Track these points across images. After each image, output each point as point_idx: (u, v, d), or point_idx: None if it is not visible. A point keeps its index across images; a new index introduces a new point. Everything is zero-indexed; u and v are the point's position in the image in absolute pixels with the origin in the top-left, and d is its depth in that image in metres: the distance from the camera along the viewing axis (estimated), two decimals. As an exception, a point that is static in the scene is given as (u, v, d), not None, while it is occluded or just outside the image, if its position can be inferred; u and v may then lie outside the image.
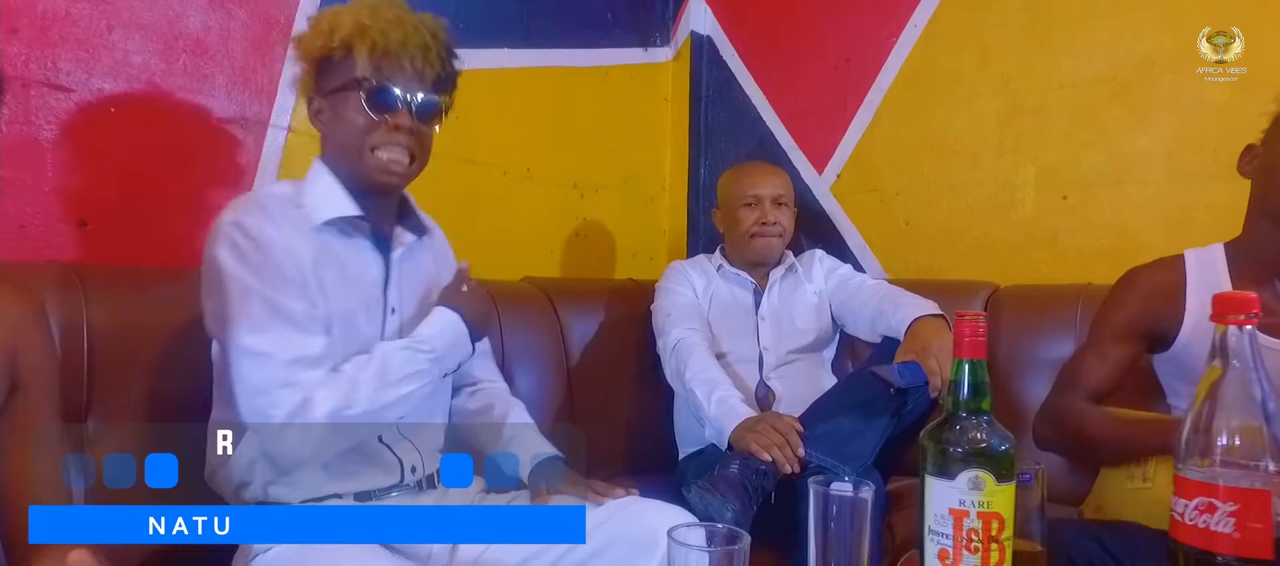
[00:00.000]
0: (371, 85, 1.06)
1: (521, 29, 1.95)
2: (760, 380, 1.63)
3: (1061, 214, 1.89)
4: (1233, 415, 0.62)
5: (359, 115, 1.07)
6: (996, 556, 0.74)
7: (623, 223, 2.26)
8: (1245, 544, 0.60)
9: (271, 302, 1.00)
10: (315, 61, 1.10)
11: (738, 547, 0.63)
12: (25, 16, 1.20)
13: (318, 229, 1.08)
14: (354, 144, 1.08)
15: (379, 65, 1.06)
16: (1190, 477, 0.63)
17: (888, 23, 2.10)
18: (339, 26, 1.06)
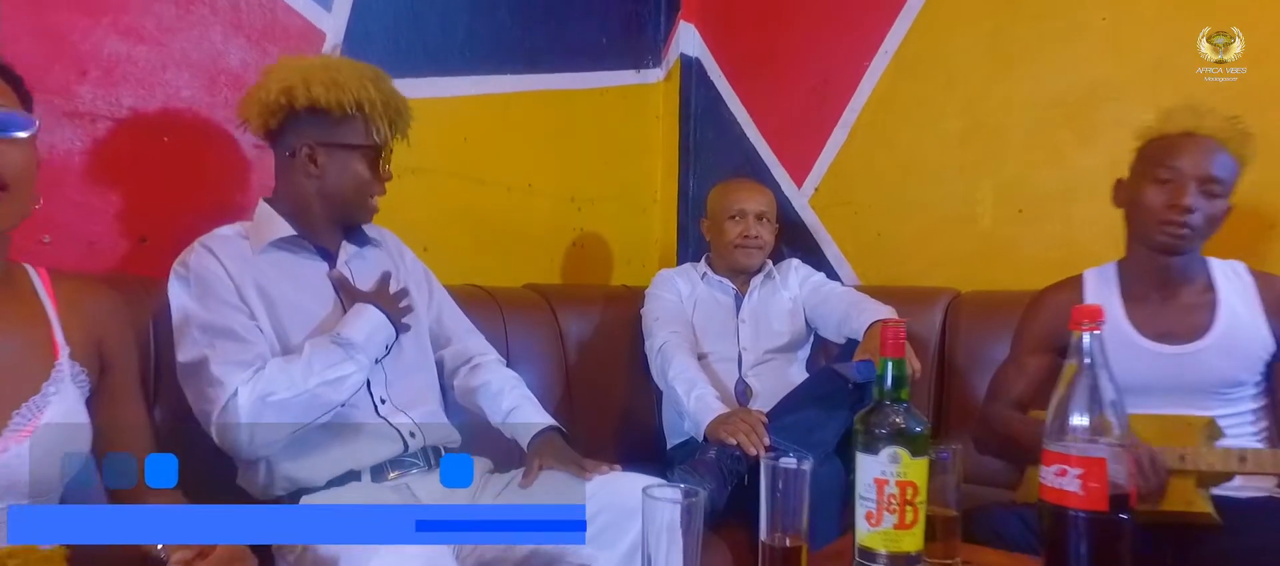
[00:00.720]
0: (375, 150, 1.28)
1: (523, 56, 2.12)
2: (739, 377, 1.81)
3: (1017, 226, 2.06)
4: (1082, 401, 0.79)
5: (361, 170, 1.28)
6: (911, 516, 0.92)
7: (617, 232, 2.43)
8: (1088, 500, 0.77)
9: (207, 323, 1.18)
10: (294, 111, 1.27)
11: (695, 501, 0.80)
12: (93, 60, 1.37)
13: (263, 251, 1.27)
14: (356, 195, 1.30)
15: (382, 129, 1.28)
16: (1051, 450, 0.80)
17: (861, 49, 2.27)
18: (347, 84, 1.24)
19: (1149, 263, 1.43)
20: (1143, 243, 1.43)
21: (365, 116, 1.26)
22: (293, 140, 1.28)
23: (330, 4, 1.70)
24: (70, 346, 0.95)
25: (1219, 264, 1.46)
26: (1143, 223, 1.41)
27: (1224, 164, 1.36)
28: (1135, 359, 1.41)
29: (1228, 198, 1.39)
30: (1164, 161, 1.38)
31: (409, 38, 1.85)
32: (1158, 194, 1.38)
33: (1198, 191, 1.35)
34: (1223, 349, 1.39)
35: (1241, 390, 1.41)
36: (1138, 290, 1.46)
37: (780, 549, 0.92)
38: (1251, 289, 1.43)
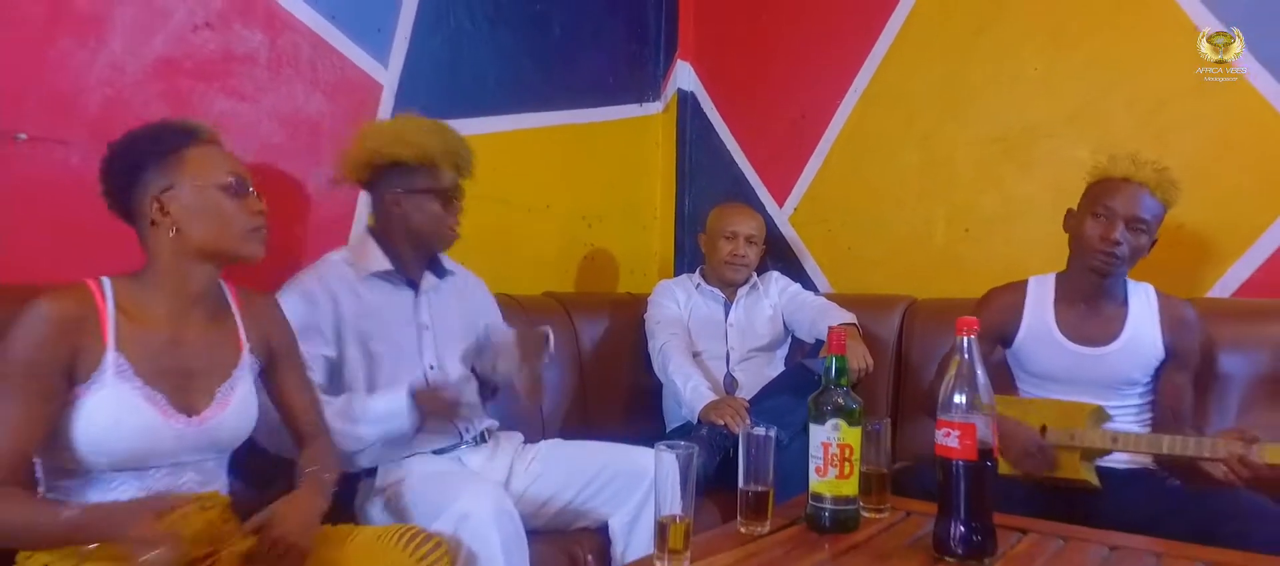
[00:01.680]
0: (445, 191, 1.60)
1: (542, 97, 2.44)
2: (727, 372, 2.16)
3: (965, 244, 2.40)
4: (962, 384, 1.12)
5: (436, 208, 1.60)
6: (848, 469, 1.25)
7: (622, 246, 2.76)
8: (964, 452, 1.10)
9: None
10: (381, 167, 1.60)
11: (692, 454, 1.13)
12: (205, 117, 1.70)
13: (364, 279, 1.59)
14: (433, 228, 1.61)
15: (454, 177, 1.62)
16: (941, 418, 1.13)
17: (834, 89, 2.60)
18: (428, 143, 1.57)
19: (1082, 279, 1.74)
20: (1080, 263, 1.74)
21: (433, 167, 1.59)
22: (382, 189, 1.62)
23: (387, 62, 2.03)
24: (249, 342, 1.28)
25: (1135, 285, 1.76)
26: (1081, 248, 1.72)
27: (1150, 207, 1.66)
28: (1058, 355, 1.75)
29: (1153, 234, 1.69)
30: (1102, 200, 1.68)
31: (448, 86, 2.18)
32: (1094, 227, 1.68)
33: (1126, 229, 1.64)
34: (1125, 354, 1.71)
35: (1135, 387, 1.73)
36: (1068, 299, 1.77)
37: (754, 493, 1.26)
38: (1155, 308, 1.73)
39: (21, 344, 1.07)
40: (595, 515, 1.59)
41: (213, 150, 1.24)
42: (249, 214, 1.23)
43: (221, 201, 1.20)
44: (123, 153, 1.20)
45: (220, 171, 1.21)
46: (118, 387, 1.12)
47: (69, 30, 1.52)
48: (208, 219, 1.19)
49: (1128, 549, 1.20)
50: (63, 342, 1.09)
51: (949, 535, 1.13)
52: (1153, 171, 1.66)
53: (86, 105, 1.55)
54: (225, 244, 1.21)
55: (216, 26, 1.72)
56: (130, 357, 1.14)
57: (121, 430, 1.12)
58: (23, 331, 1.08)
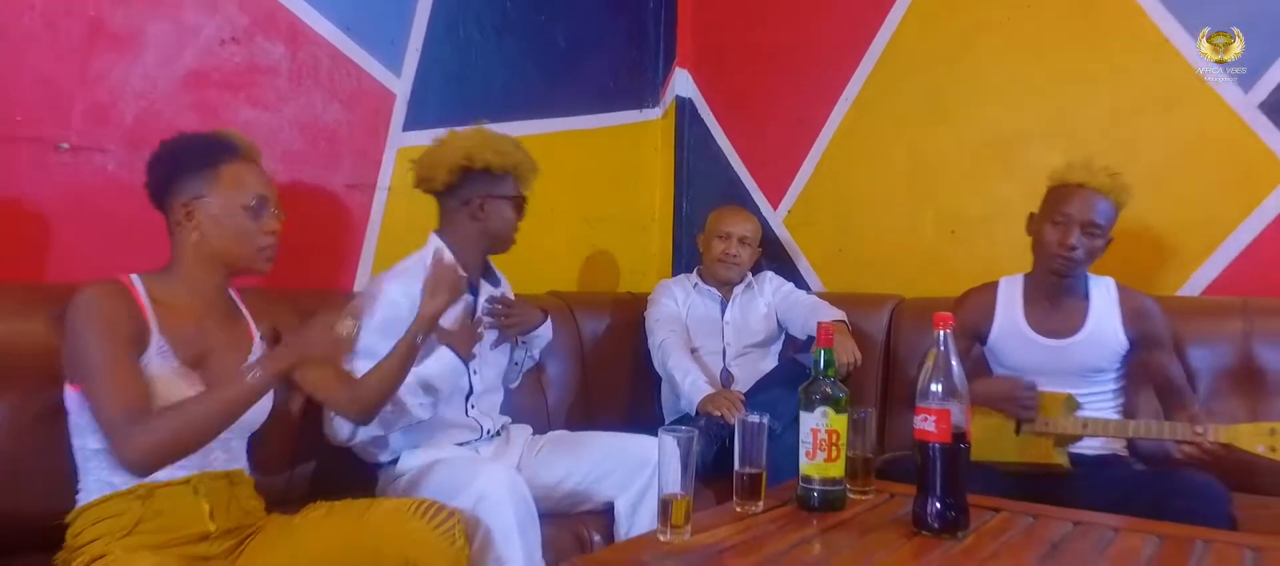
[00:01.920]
0: (521, 199, 1.72)
1: (546, 104, 2.55)
2: (724, 366, 2.27)
3: (950, 244, 2.51)
4: (939, 375, 1.23)
5: (512, 215, 1.72)
6: (835, 453, 1.36)
7: (623, 247, 2.87)
8: (939, 435, 1.21)
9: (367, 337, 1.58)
10: (471, 172, 1.70)
11: (692, 438, 1.24)
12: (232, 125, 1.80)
13: None
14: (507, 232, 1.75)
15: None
16: (919, 405, 1.24)
17: (826, 96, 2.71)
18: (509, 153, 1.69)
19: (1045, 279, 1.86)
20: (1041, 264, 1.87)
21: (517, 175, 1.70)
22: (466, 192, 1.71)
23: (400, 72, 2.14)
24: (257, 333, 1.39)
25: (1095, 279, 1.88)
26: (1041, 251, 1.85)
27: (1104, 211, 1.78)
28: (1029, 348, 1.86)
29: (1107, 235, 1.80)
30: (1059, 206, 1.80)
31: (458, 94, 2.28)
32: (1052, 232, 1.80)
33: (1081, 233, 1.76)
34: (1089, 344, 1.83)
35: (1104, 375, 1.85)
36: (1035, 297, 1.90)
37: (748, 475, 1.37)
38: (1115, 300, 1.85)
39: (102, 322, 1.18)
40: (600, 498, 1.70)
41: (245, 168, 1.34)
42: (263, 234, 1.33)
43: (242, 220, 1.31)
44: (168, 155, 1.31)
45: (247, 191, 1.32)
46: (161, 367, 1.23)
47: (106, 47, 1.63)
48: (226, 233, 1.31)
49: (1089, 524, 1.31)
50: (129, 319, 1.20)
51: (926, 511, 1.24)
52: (1106, 176, 1.78)
53: (122, 116, 1.65)
54: (237, 258, 1.33)
55: (242, 40, 1.83)
56: (170, 342, 1.25)
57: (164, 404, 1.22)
58: (95, 313, 1.18)
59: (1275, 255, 2.06)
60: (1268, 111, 2.07)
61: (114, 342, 1.18)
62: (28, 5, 1.53)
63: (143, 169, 1.33)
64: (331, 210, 2.02)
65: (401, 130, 2.15)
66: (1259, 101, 2.08)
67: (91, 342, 1.17)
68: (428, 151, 1.75)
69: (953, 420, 1.23)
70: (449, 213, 1.76)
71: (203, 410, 1.18)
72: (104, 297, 1.20)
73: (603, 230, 2.79)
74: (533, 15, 2.49)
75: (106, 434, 1.16)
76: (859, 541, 1.22)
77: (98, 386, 1.17)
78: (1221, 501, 1.49)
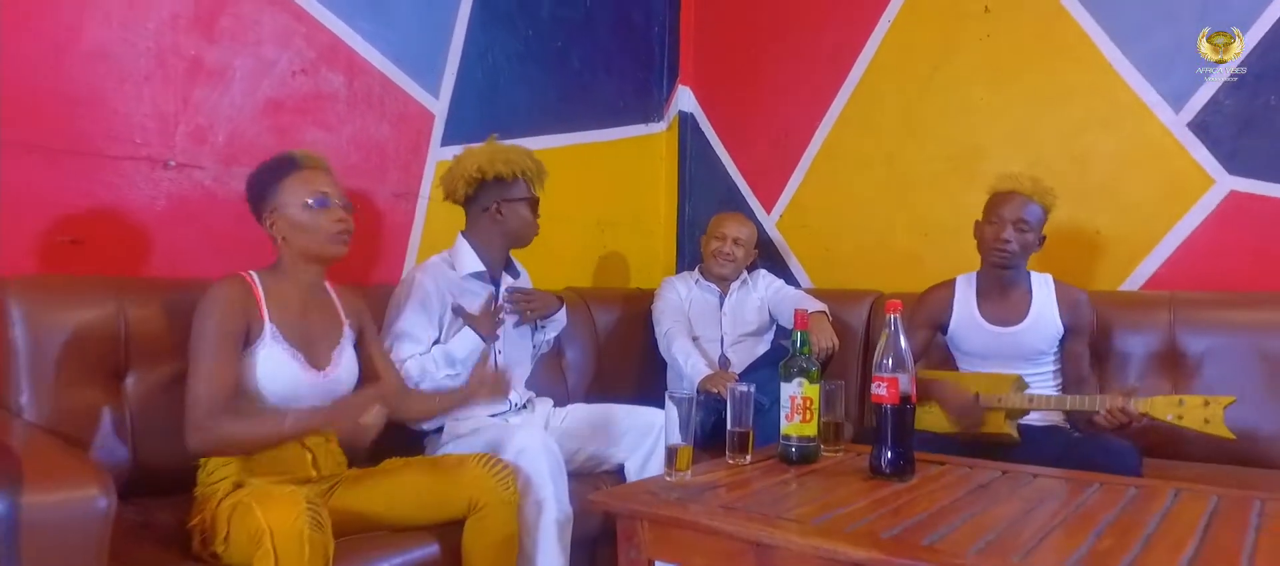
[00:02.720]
0: (534, 199, 2.01)
1: (564, 120, 2.85)
2: (721, 353, 2.58)
3: (923, 246, 2.82)
4: (890, 350, 1.54)
5: (528, 214, 2.01)
6: (809, 416, 1.66)
7: (631, 248, 3.17)
8: (890, 398, 1.52)
9: (408, 315, 1.91)
10: (485, 181, 2.01)
11: (691, 398, 1.54)
12: (301, 144, 2.12)
13: (462, 278, 2.00)
14: (525, 230, 2.03)
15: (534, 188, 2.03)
16: (876, 375, 1.55)
17: (813, 112, 3.01)
18: (518, 161, 1.99)
19: (991, 274, 2.17)
20: (984, 260, 2.18)
21: (527, 179, 2.00)
22: (485, 200, 2.01)
23: (438, 95, 2.46)
24: (347, 320, 1.70)
25: (1037, 275, 2.18)
26: (983, 248, 2.16)
27: (1032, 212, 2.08)
28: (981, 334, 2.17)
29: (1038, 231, 2.11)
30: (994, 209, 2.12)
31: (488, 113, 2.59)
32: (990, 231, 2.12)
33: (1013, 229, 2.07)
34: (1032, 330, 2.13)
35: (1045, 357, 2.15)
36: (985, 290, 2.20)
37: (738, 434, 1.67)
38: (1052, 293, 2.15)
39: (215, 313, 1.48)
40: (613, 460, 2.01)
41: (305, 176, 1.60)
42: (331, 222, 1.59)
43: (308, 216, 1.57)
44: (252, 180, 1.62)
45: (307, 192, 1.57)
46: (274, 349, 1.53)
47: (203, 80, 1.94)
48: (299, 229, 1.58)
49: (1014, 472, 1.62)
50: (241, 315, 1.51)
51: (880, 460, 1.54)
52: (1031, 183, 2.10)
53: (216, 137, 1.97)
54: (314, 248, 1.60)
55: (309, 72, 2.14)
56: (280, 328, 1.55)
57: (278, 380, 1.53)
58: (212, 305, 1.49)
59: (1200, 254, 2.37)
60: (1195, 130, 2.38)
61: (218, 338, 1.46)
62: (144, 49, 1.85)
63: (232, 182, 1.64)
64: (381, 215, 2.33)
65: (439, 145, 2.47)
66: (1187, 121, 2.39)
67: (201, 332, 1.47)
68: (449, 168, 2.06)
69: (900, 387, 1.53)
70: (473, 217, 2.06)
71: (248, 433, 1.45)
72: (224, 296, 1.49)
73: (613, 233, 3.09)
74: (550, 43, 2.80)
75: (186, 407, 1.44)
76: (826, 483, 1.52)
77: (194, 369, 1.46)
78: (1132, 458, 1.80)
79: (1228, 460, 1.96)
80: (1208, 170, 2.36)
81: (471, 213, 2.07)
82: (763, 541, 1.21)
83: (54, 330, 1.55)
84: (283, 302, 1.58)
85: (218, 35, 1.96)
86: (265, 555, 1.22)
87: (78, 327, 1.57)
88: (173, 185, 1.90)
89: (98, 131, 1.78)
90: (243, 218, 1.65)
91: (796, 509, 1.33)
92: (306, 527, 1.24)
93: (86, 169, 1.77)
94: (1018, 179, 2.13)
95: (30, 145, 1.70)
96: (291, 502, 1.27)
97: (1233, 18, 2.31)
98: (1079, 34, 2.53)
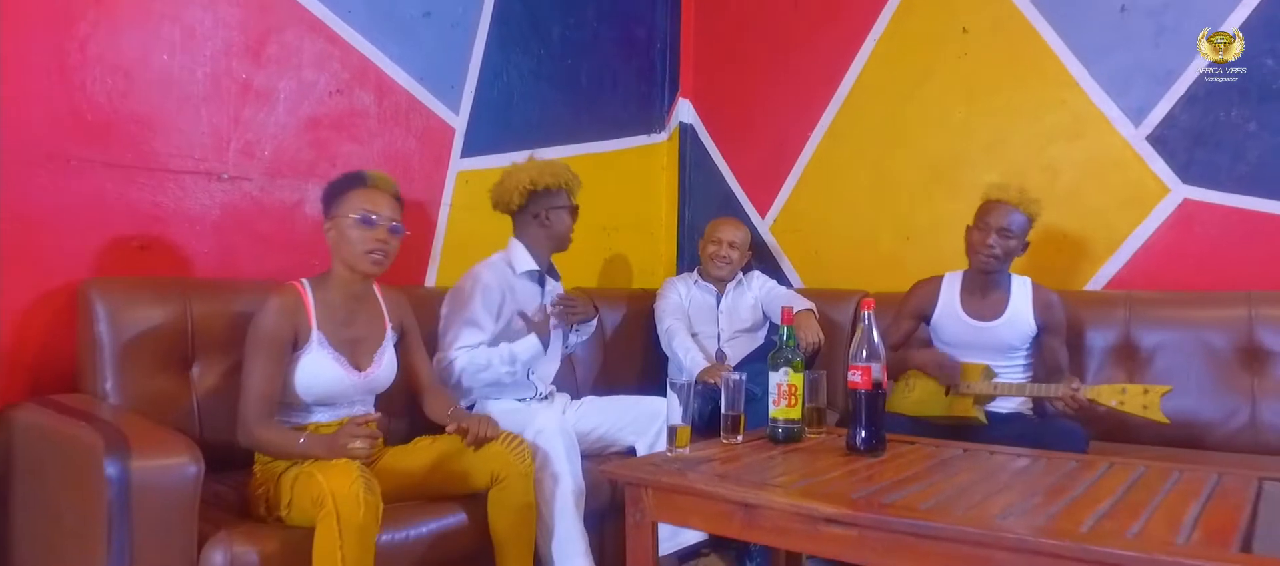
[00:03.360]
0: (574, 207, 2.24)
1: (573, 132, 3.07)
2: (718, 347, 2.80)
3: (906, 249, 3.03)
4: (865, 342, 1.75)
5: (569, 219, 2.24)
6: (794, 401, 1.87)
7: (635, 251, 3.38)
8: (864, 384, 1.73)
9: (471, 312, 2.13)
10: (536, 192, 2.23)
11: (690, 385, 1.76)
12: (336, 157, 2.34)
13: (518, 276, 2.23)
14: (565, 234, 2.26)
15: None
16: (852, 364, 1.77)
17: (805, 123, 3.22)
18: (561, 174, 2.22)
19: (975, 274, 2.38)
20: (971, 261, 2.38)
21: (568, 190, 2.23)
22: (535, 208, 2.25)
23: (458, 110, 2.68)
24: (390, 322, 1.92)
25: (1017, 278, 2.38)
26: (970, 251, 2.36)
27: (1016, 220, 2.29)
28: (961, 327, 2.38)
29: (1022, 239, 2.31)
30: (983, 217, 2.32)
31: (503, 127, 2.81)
32: (978, 236, 2.32)
33: (997, 236, 2.28)
34: (1007, 327, 2.34)
35: (1017, 352, 2.36)
36: (969, 288, 2.41)
37: (731, 417, 1.89)
38: (1029, 294, 2.36)
39: (266, 325, 1.69)
40: (623, 442, 2.24)
41: (365, 193, 1.79)
42: (370, 240, 1.75)
43: (354, 231, 1.74)
44: (326, 192, 1.83)
45: (357, 209, 1.75)
46: (319, 353, 1.75)
47: (252, 101, 2.16)
48: (343, 241, 1.76)
49: (975, 449, 1.83)
50: (290, 323, 1.72)
51: (855, 438, 1.76)
52: (1017, 194, 2.30)
53: (262, 152, 2.19)
54: (350, 260, 1.77)
55: (344, 92, 2.36)
56: (326, 333, 1.77)
57: (322, 381, 1.75)
58: (265, 317, 1.70)
59: (1157, 256, 2.58)
60: (1152, 142, 2.59)
61: (267, 347, 1.67)
62: (201, 75, 2.07)
63: (276, 192, 1.85)
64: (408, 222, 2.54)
65: (459, 157, 2.69)
66: (1146, 134, 2.60)
67: (255, 340, 1.69)
68: (500, 182, 2.28)
69: (873, 375, 1.75)
70: (523, 224, 2.29)
71: (280, 442, 1.65)
72: (277, 307, 1.70)
73: (618, 236, 3.31)
74: (561, 61, 3.02)
75: (239, 407, 1.67)
76: (807, 458, 1.74)
77: (246, 374, 1.68)
78: (1079, 438, 2.02)
79: (1171, 444, 2.17)
80: (1164, 180, 2.58)
81: (521, 220, 2.30)
82: (749, 502, 1.42)
83: (132, 325, 1.77)
84: (330, 309, 1.78)
85: (265, 61, 2.18)
86: (328, 515, 1.44)
87: (152, 323, 1.80)
88: (225, 195, 2.12)
89: (163, 149, 2.01)
90: (286, 223, 1.88)
91: (780, 477, 1.54)
92: (361, 490, 1.46)
93: (153, 182, 1.99)
94: (1006, 189, 2.33)
95: (107, 162, 1.92)
96: (348, 470, 1.49)
97: (1186, 39, 2.53)
98: (1048, 54, 2.75)
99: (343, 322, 1.80)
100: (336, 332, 1.78)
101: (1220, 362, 2.29)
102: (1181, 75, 2.54)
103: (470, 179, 2.69)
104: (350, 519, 1.45)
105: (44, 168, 1.83)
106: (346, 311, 1.81)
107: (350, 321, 1.82)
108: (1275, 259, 2.40)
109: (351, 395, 1.80)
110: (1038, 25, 2.77)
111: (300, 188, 2.25)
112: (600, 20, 3.16)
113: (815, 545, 1.39)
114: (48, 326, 1.81)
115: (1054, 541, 1.13)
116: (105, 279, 1.83)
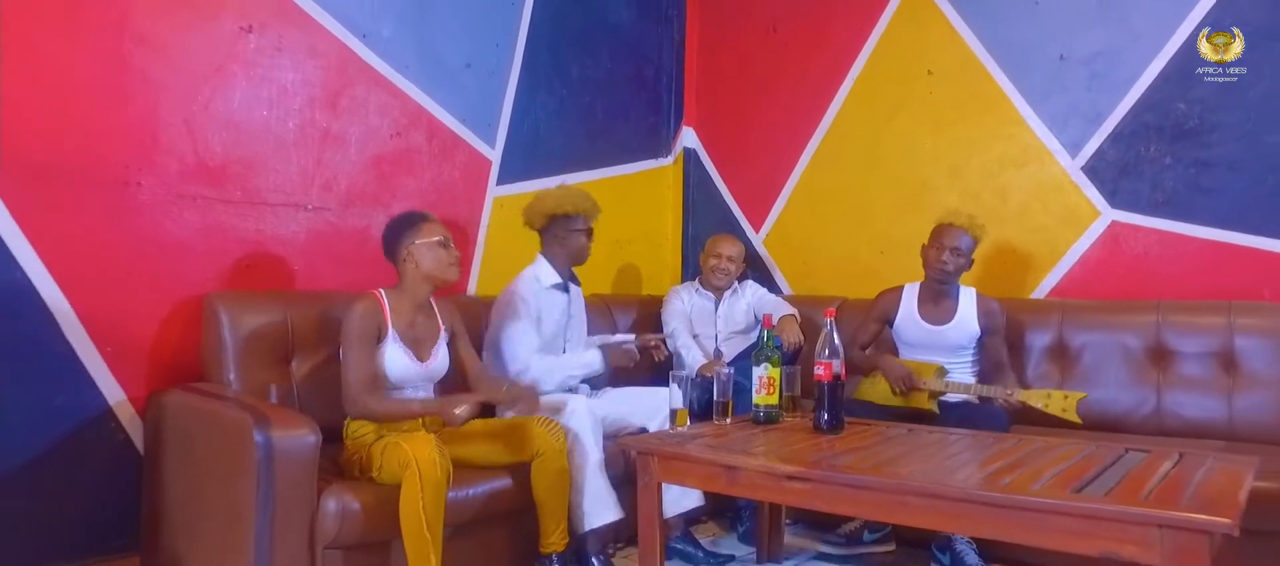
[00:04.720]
0: (589, 229, 2.68)
1: (591, 158, 3.52)
2: (716, 347, 3.26)
3: (881, 262, 3.47)
4: (825, 344, 2.19)
5: (585, 240, 2.69)
6: (773, 389, 2.33)
7: (645, 261, 3.83)
8: (826, 376, 2.18)
9: (521, 322, 2.60)
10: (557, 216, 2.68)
11: (688, 376, 2.22)
12: (397, 188, 2.81)
13: (546, 288, 2.69)
14: (582, 252, 2.70)
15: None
16: (817, 360, 2.22)
17: (794, 149, 3.66)
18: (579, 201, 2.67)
19: (930, 285, 2.82)
20: (927, 274, 2.83)
21: (584, 215, 2.68)
22: (556, 229, 2.68)
23: (494, 144, 3.14)
24: (443, 324, 2.38)
25: (964, 288, 2.82)
26: (926, 266, 2.80)
27: (965, 240, 2.72)
28: (918, 330, 2.82)
29: (969, 256, 2.74)
30: (936, 237, 2.75)
31: (532, 157, 3.27)
32: (932, 252, 2.75)
33: (949, 254, 2.73)
34: (956, 330, 2.78)
35: (965, 352, 2.80)
36: (925, 297, 2.85)
37: (722, 403, 2.35)
38: (974, 302, 2.80)
39: (358, 323, 2.16)
40: (635, 424, 2.69)
41: (432, 226, 2.26)
42: (453, 257, 2.26)
43: (437, 251, 2.25)
44: (392, 229, 2.28)
45: (436, 235, 2.25)
46: (394, 348, 2.21)
47: (330, 145, 2.64)
48: (430, 260, 2.24)
49: (918, 429, 2.28)
50: (374, 323, 2.19)
51: (820, 420, 2.21)
52: (965, 218, 2.74)
53: (338, 187, 2.66)
54: (438, 273, 2.25)
55: (402, 134, 2.83)
56: (398, 332, 2.23)
57: (396, 369, 2.20)
58: (356, 318, 2.16)
59: (1089, 269, 3.02)
60: (1087, 172, 3.03)
61: (360, 340, 2.13)
62: (291, 125, 2.54)
63: (350, 219, 2.32)
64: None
65: (495, 185, 3.15)
66: (1081, 165, 3.04)
67: (349, 336, 2.14)
68: (529, 205, 2.73)
69: (834, 369, 2.20)
70: (548, 241, 2.74)
71: (387, 409, 2.13)
72: (362, 311, 2.15)
73: (629, 249, 3.76)
74: (580, 98, 3.48)
75: (343, 387, 2.12)
76: (781, 435, 2.19)
77: (345, 362, 2.14)
78: (1002, 421, 2.46)
79: (1093, 429, 2.61)
80: (1095, 204, 3.02)
81: (546, 238, 2.74)
82: (731, 465, 1.88)
83: (247, 328, 2.24)
84: (401, 313, 2.25)
85: (340, 111, 2.65)
86: (412, 474, 1.91)
87: (261, 326, 2.27)
88: (310, 223, 2.59)
89: (263, 186, 2.48)
90: (357, 244, 2.34)
91: (758, 448, 2.00)
92: (437, 456, 1.93)
93: (256, 213, 2.46)
94: (957, 214, 2.76)
95: (222, 199, 2.40)
96: (427, 439, 1.96)
97: (1115, 85, 2.97)
98: (1000, 94, 3.19)
99: (409, 324, 2.26)
100: (406, 331, 2.24)
101: (1133, 361, 2.73)
102: (1110, 115, 2.98)
103: (504, 203, 3.14)
104: (429, 477, 1.91)
105: (176, 204, 2.30)
106: (412, 315, 2.28)
107: (414, 323, 2.28)
108: (1185, 273, 2.84)
109: (416, 380, 2.26)
110: (991, 70, 3.21)
111: (368, 214, 2.72)
112: (613, 61, 3.62)
113: (781, 496, 1.86)
114: (180, 330, 2.29)
115: (944, 485, 1.59)
116: (225, 292, 2.30)
